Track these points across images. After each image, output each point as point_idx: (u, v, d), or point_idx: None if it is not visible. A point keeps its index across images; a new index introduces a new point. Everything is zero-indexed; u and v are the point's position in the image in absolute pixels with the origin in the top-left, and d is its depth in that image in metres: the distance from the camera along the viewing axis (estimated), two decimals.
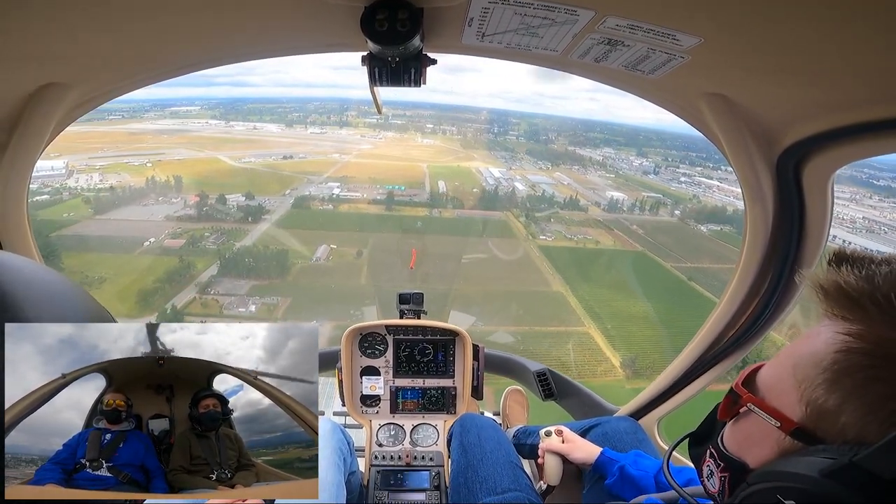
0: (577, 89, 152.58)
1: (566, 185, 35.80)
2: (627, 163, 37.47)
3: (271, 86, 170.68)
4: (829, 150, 1.18)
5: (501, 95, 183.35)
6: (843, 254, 0.67)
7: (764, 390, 0.71)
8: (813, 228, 1.37)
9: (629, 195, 30.99)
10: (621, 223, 27.70)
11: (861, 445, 0.56)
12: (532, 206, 29.92)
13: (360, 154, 41.71)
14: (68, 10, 0.91)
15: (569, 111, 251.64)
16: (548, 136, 44.87)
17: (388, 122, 47.58)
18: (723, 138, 1.27)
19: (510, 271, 23.46)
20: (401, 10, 0.91)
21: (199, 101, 52.08)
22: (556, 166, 38.28)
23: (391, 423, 2.41)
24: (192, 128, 43.62)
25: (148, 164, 34.34)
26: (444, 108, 61.87)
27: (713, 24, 0.84)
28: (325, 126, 46.71)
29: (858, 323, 0.60)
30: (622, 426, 1.90)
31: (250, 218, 25.95)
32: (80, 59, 1.17)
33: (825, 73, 0.94)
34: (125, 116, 41.91)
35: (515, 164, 40.65)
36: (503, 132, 46.29)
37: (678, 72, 1.04)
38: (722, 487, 0.76)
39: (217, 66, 1.33)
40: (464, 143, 45.35)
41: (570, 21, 0.91)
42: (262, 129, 44.90)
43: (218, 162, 35.96)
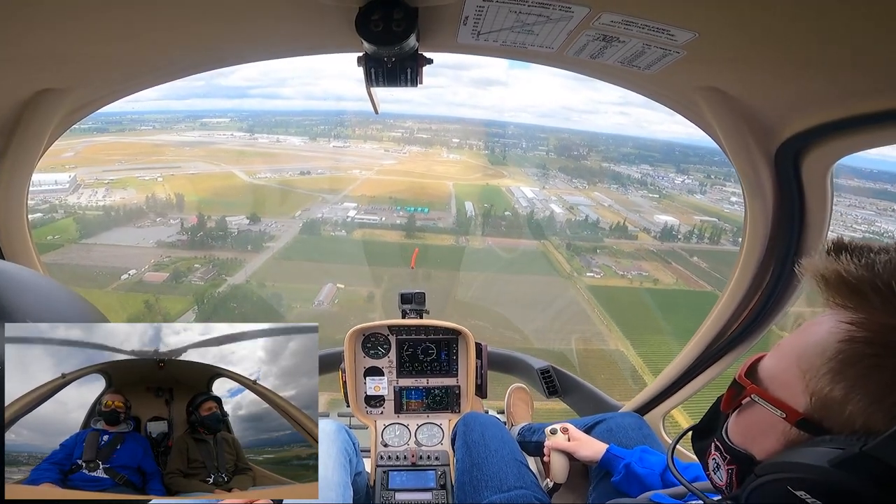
0: (606, 102, 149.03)
1: (607, 206, 32.78)
2: (668, 181, 34.55)
3: (302, 98, 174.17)
4: (828, 142, 1.17)
5: (528, 110, 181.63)
6: (842, 243, 0.67)
7: (767, 381, 0.71)
8: (813, 221, 1.37)
9: (680, 219, 27.80)
10: (679, 255, 23.68)
11: (869, 434, 0.56)
12: (573, 233, 26.18)
13: (381, 170, 39.19)
14: (63, 15, 0.91)
15: (598, 126, 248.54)
16: (579, 152, 42.19)
17: (414, 135, 47.32)
18: (720, 132, 1.27)
19: (555, 320, 19.22)
20: (395, 10, 0.91)
21: (231, 112, 52.44)
22: (594, 185, 35.53)
23: (396, 423, 2.41)
24: (217, 140, 42.75)
25: (159, 179, 32.80)
26: (470, 122, 61.51)
27: (708, 18, 0.85)
28: (348, 140, 45.91)
29: (860, 311, 0.61)
30: (627, 422, 1.87)
31: (250, 246, 22.97)
32: (75, 64, 1.17)
33: (823, 64, 0.93)
34: (156, 127, 41.43)
35: (549, 183, 38.16)
36: (532, 147, 44.12)
37: (674, 67, 1.04)
38: (729, 480, 0.76)
39: (212, 69, 1.34)
40: (492, 159, 42.91)
41: (565, 18, 0.92)
42: (285, 142, 44.67)
43: (232, 177, 33.97)
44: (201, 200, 27.80)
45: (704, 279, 21.08)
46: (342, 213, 27.06)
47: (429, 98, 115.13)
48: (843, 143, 1.15)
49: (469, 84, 37.54)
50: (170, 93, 79.30)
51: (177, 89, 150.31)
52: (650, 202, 32.00)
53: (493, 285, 20.58)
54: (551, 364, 2.65)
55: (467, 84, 34.33)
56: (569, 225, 27.40)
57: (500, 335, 14.57)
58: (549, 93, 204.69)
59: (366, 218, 26.42)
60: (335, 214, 26.99)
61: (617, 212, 31.18)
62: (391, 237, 24.94)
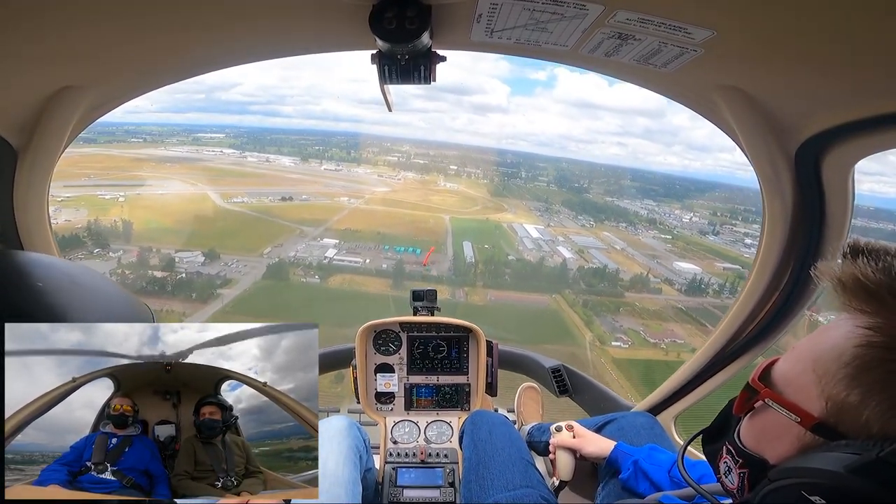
0: (605, 132, 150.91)
1: (620, 250, 30.23)
2: (676, 218, 33.42)
3: (300, 117, 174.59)
4: (850, 142, 1.15)
5: (527, 138, 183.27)
6: (858, 245, 0.66)
7: (781, 385, 0.70)
8: (833, 222, 1.34)
9: (702, 266, 25.19)
10: (712, 314, 20.37)
11: (885, 440, 0.56)
12: (588, 284, 22.72)
13: (372, 198, 36.10)
14: (83, 13, 0.92)
15: (595, 156, 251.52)
16: (580, 184, 41.45)
17: (410, 160, 46.07)
18: (739, 132, 1.25)
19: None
20: (409, 7, 0.92)
21: (229, 128, 52.35)
22: (601, 223, 33.84)
23: (406, 420, 2.40)
24: (204, 156, 40.31)
25: (120, 199, 29.37)
26: (468, 149, 61.31)
27: (725, 15, 0.84)
28: (342, 162, 44.45)
29: (877, 316, 0.60)
30: (639, 421, 1.85)
31: (195, 294, 18.97)
32: (96, 62, 1.18)
33: (843, 63, 0.91)
34: (147, 140, 38.99)
35: (553, 220, 36.11)
36: (532, 178, 43.60)
37: (691, 65, 1.04)
38: (741, 484, 0.75)
39: (230, 66, 1.35)
40: (491, 190, 40.61)
41: (580, 16, 0.92)
42: (274, 163, 42.60)
43: (204, 200, 30.56)
44: (156, 229, 24.00)
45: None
46: (319, 251, 23.20)
47: (428, 123, 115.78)
48: (864, 143, 1.13)
49: (469, 109, 36.15)
50: (169, 105, 77.83)
51: (177, 102, 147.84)
52: (663, 244, 29.93)
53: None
54: (562, 363, 2.63)
55: (468, 109, 33.06)
56: (582, 274, 24.05)
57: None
58: (548, 121, 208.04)
59: (346, 259, 22.59)
60: (311, 253, 23.13)
61: (631, 256, 28.74)
62: (374, 286, 20.96)
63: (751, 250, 20.14)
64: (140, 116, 36.58)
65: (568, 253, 27.52)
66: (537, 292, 21.86)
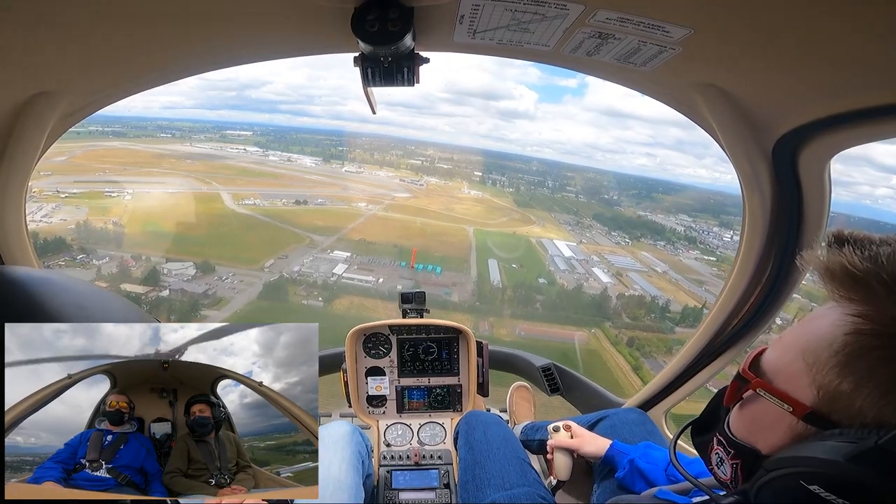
0: (634, 142, 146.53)
1: (661, 273, 27.20)
2: (716, 236, 30.82)
3: (328, 117, 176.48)
4: (825, 137, 1.17)
5: (552, 145, 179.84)
6: (842, 235, 0.67)
7: (771, 374, 0.70)
8: (811, 215, 1.37)
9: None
10: None
11: (881, 428, 0.56)
12: (632, 316, 19.71)
13: (392, 205, 33.88)
14: (56, 18, 0.91)
15: (622, 166, 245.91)
16: (610, 196, 39.68)
17: (434, 165, 44.37)
18: (718, 129, 1.27)
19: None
20: (391, 9, 0.91)
21: (257, 126, 51.31)
22: (636, 240, 31.45)
23: (398, 423, 2.40)
24: (226, 154, 39.18)
25: (127, 197, 27.96)
26: (493, 155, 59.34)
27: (703, 14, 0.85)
28: (364, 164, 42.65)
29: (865, 304, 0.60)
30: (630, 417, 1.86)
31: (174, 317, 16.87)
32: (70, 68, 1.16)
33: (818, 59, 0.93)
34: (176, 136, 38.19)
35: (585, 235, 33.26)
36: (559, 187, 42.22)
37: (670, 63, 1.05)
38: (734, 474, 0.75)
39: (208, 71, 1.33)
40: (517, 199, 38.07)
41: (561, 16, 0.93)
42: (296, 162, 41.32)
43: (214, 201, 28.88)
44: (153, 234, 22.20)
45: None
46: (328, 266, 20.81)
47: (453, 127, 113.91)
48: (839, 137, 1.15)
49: (496, 115, 35.01)
50: (204, 102, 78.30)
51: (211, 99, 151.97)
52: (707, 266, 27.48)
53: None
54: (552, 362, 2.64)
55: (494, 115, 31.93)
56: (623, 304, 21.04)
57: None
58: (575, 129, 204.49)
59: (356, 278, 20.08)
60: (318, 268, 20.77)
61: (676, 282, 25.63)
62: (385, 313, 18.51)
63: (809, 280, 17.35)
64: (175, 112, 36.06)
65: (605, 277, 24.67)
66: (571, 324, 18.94)
